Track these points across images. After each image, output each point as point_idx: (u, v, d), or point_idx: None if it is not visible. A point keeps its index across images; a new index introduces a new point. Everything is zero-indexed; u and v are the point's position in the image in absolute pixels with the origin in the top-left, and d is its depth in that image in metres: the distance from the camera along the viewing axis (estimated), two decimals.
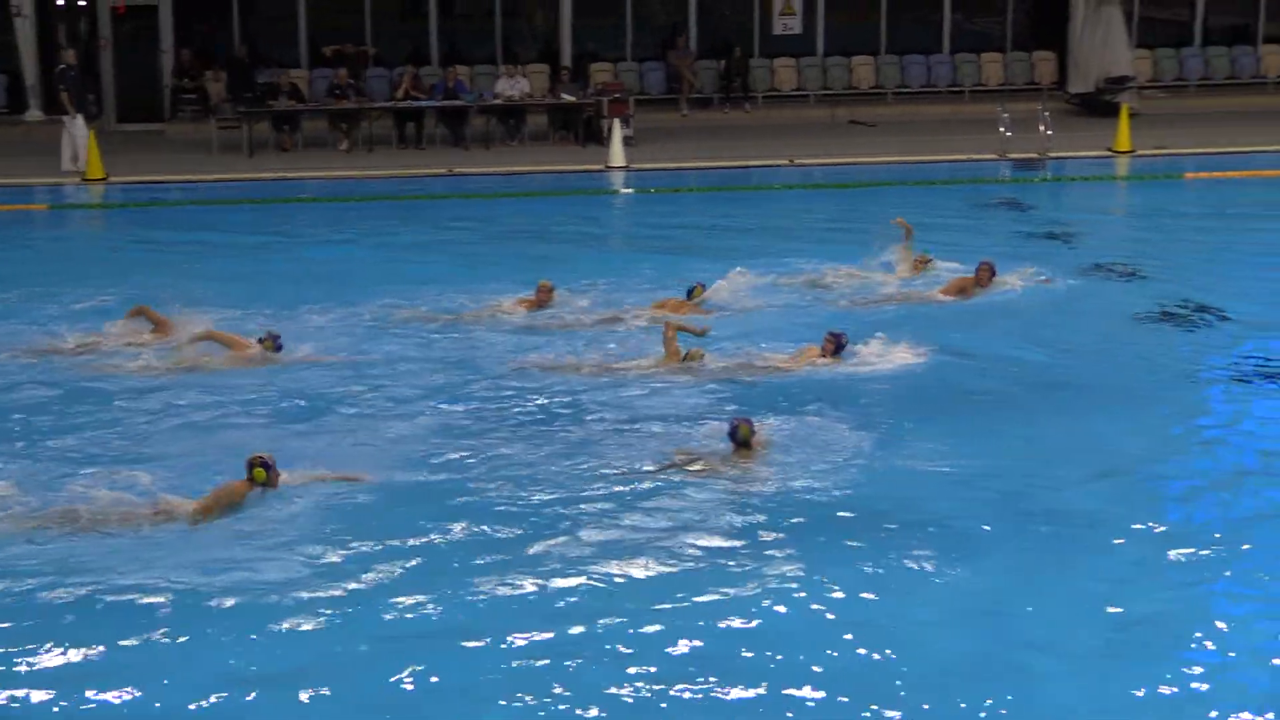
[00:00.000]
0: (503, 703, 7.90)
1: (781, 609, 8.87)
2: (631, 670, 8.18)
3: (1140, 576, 9.39)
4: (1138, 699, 7.95)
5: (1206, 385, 13.29)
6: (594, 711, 7.84)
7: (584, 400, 12.68)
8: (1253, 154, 25.29)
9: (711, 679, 8.06)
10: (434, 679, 8.16)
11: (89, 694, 8.04)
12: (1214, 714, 7.81)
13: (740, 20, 31.80)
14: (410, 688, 8.08)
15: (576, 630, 8.62)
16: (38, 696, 8.04)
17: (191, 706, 7.91)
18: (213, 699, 7.97)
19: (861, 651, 8.41)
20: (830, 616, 8.84)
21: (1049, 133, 25.42)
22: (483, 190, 23.33)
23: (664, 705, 7.89)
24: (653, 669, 8.17)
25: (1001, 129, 25.20)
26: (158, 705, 7.98)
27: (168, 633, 8.64)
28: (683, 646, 8.41)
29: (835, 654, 8.40)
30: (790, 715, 7.79)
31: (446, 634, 8.61)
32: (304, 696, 8.04)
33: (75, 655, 8.44)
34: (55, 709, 7.93)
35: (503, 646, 8.40)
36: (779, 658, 8.31)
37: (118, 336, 14.43)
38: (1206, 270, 17.47)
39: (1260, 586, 9.35)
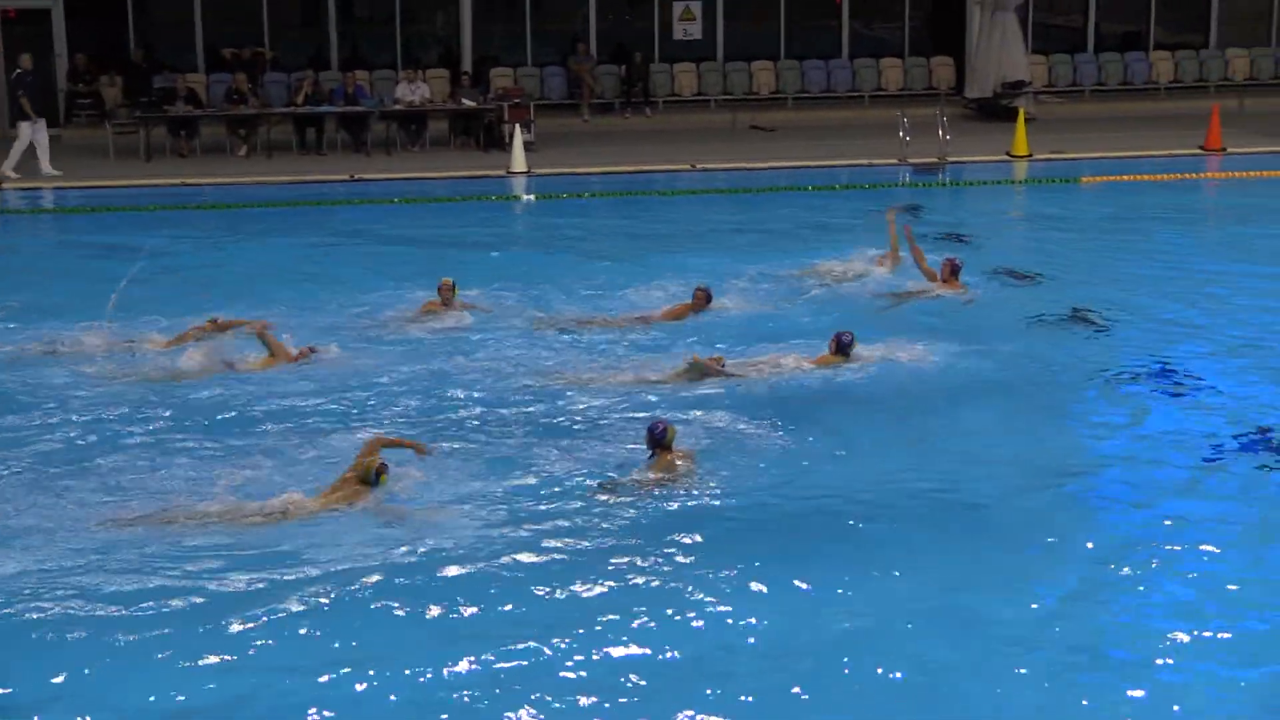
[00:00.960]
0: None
1: (708, 623, 9.02)
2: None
3: (1066, 578, 9.66)
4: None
5: (1102, 386, 13.44)
6: None
7: (526, 409, 12.75)
8: (1146, 158, 25.64)
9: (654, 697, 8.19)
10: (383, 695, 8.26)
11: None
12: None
13: (641, 26, 31.86)
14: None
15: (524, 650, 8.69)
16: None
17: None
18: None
19: (801, 661, 8.57)
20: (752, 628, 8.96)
21: (947, 137, 25.65)
22: (384, 196, 23.13)
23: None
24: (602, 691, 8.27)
25: (901, 134, 25.38)
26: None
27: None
28: (633, 665, 8.53)
29: (771, 663, 8.53)
30: None
31: (398, 651, 8.69)
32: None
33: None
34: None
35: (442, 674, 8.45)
36: (718, 670, 8.47)
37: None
38: (1102, 273, 17.69)
39: (1158, 585, 9.61)
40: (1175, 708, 8.14)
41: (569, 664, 8.55)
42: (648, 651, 8.69)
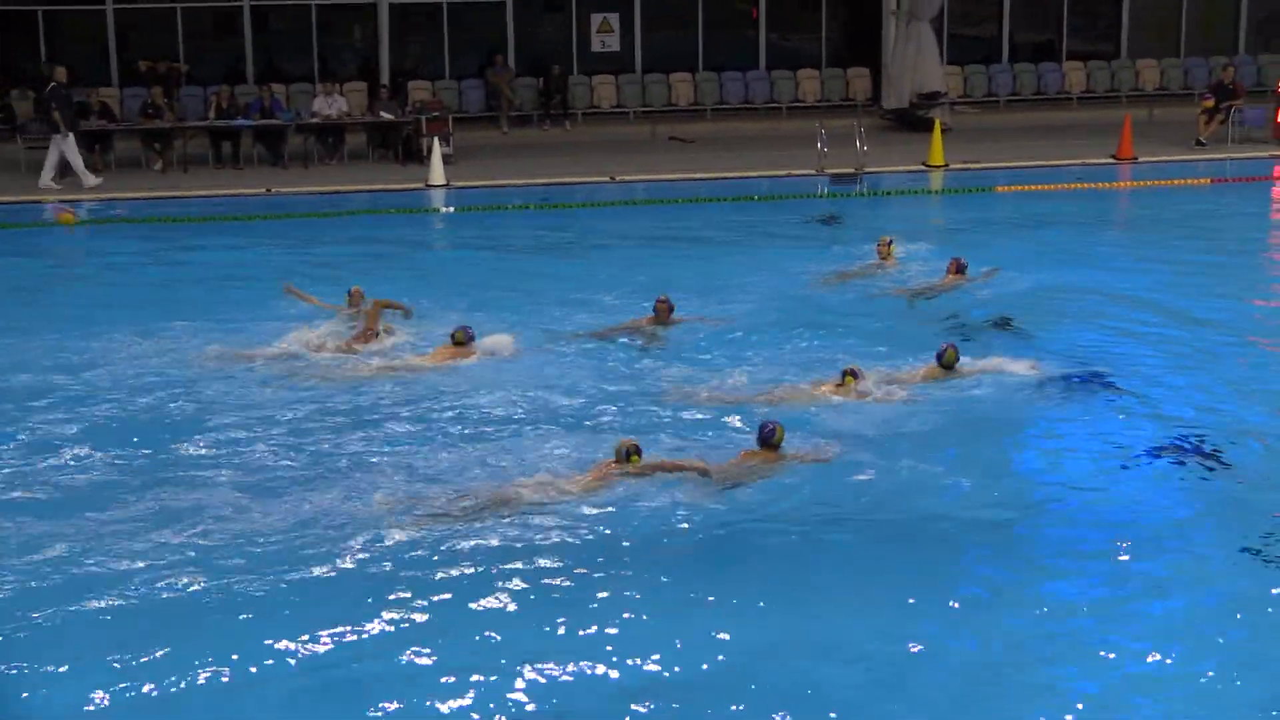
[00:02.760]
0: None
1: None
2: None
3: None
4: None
5: (1017, 391, 13.44)
6: None
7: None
8: (1059, 167, 25.99)
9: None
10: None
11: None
12: None
13: (559, 38, 31.99)
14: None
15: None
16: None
17: None
18: None
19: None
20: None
21: (864, 148, 25.77)
22: (302, 210, 22.94)
23: None
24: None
25: (818, 144, 25.50)
26: None
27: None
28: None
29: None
30: None
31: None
32: None
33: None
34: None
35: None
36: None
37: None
38: (1018, 279, 17.77)
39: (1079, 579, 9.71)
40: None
41: None
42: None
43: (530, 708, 8.21)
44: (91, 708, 8.20)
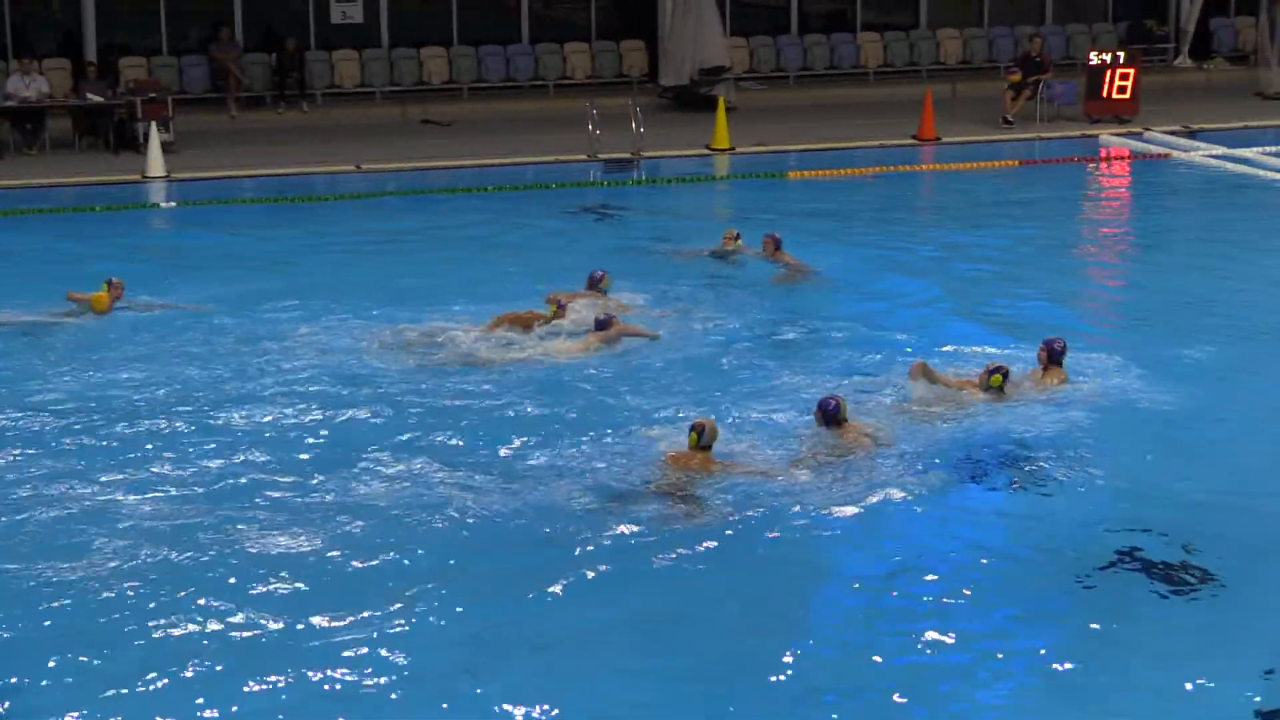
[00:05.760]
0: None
1: None
2: None
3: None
4: None
5: (824, 377, 13.95)
6: None
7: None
8: (855, 149, 26.44)
9: None
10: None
11: None
12: None
13: (293, 7, 31.75)
14: None
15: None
16: None
17: None
18: None
19: None
20: None
21: (641, 130, 25.90)
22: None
23: None
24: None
25: (591, 127, 25.61)
26: None
27: None
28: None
29: None
30: None
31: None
32: None
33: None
34: None
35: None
36: None
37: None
38: (819, 275, 18.15)
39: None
40: None
41: None
42: None
43: None
44: None
